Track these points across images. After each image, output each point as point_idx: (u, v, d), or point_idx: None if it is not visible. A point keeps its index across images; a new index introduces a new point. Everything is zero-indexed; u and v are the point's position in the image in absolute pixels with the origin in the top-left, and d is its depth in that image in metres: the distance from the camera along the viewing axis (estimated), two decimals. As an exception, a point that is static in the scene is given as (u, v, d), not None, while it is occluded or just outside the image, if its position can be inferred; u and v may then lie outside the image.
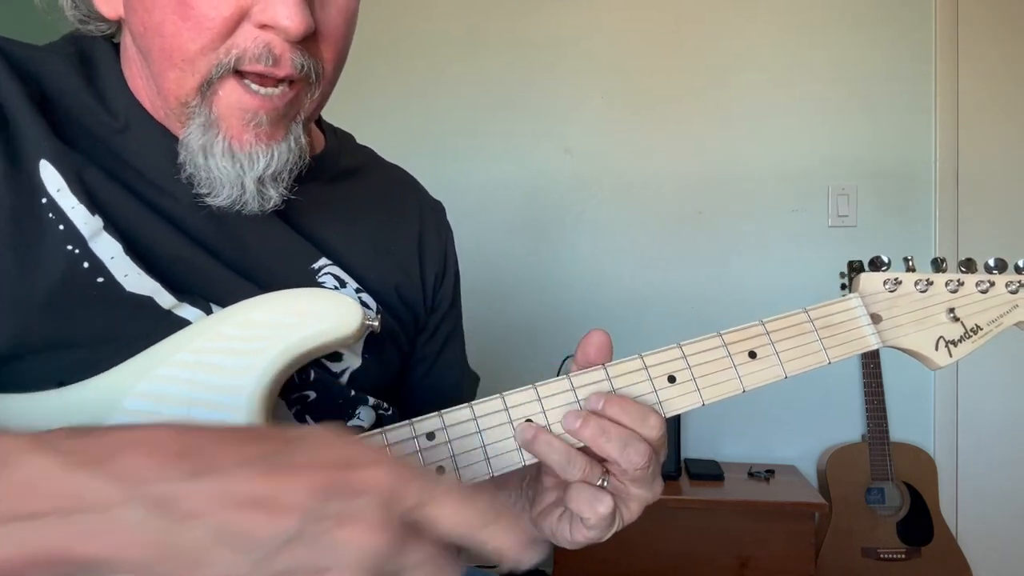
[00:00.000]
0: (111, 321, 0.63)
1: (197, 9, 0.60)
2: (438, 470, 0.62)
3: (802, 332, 0.70)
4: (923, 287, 0.74)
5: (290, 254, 0.73)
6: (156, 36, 0.62)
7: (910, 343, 0.74)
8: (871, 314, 0.72)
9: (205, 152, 0.64)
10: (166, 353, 0.61)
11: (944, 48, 2.44)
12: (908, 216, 2.47)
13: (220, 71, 0.62)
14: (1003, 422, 2.43)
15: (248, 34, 0.61)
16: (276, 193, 0.67)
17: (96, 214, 0.63)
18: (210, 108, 0.64)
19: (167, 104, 0.66)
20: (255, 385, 0.61)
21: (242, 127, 0.64)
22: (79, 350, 0.62)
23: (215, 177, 0.65)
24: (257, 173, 0.65)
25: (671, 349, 0.68)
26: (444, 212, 0.94)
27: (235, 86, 0.63)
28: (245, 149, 0.65)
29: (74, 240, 0.62)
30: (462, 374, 0.95)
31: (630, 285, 2.56)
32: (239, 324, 0.63)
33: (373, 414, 0.77)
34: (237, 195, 0.66)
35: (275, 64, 0.62)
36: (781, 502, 2.13)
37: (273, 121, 0.65)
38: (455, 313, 0.93)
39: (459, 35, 2.63)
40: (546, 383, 0.66)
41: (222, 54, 0.61)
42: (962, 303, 0.74)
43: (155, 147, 0.68)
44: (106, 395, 0.60)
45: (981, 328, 0.74)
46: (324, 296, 0.66)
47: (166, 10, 0.61)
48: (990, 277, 0.75)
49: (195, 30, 0.61)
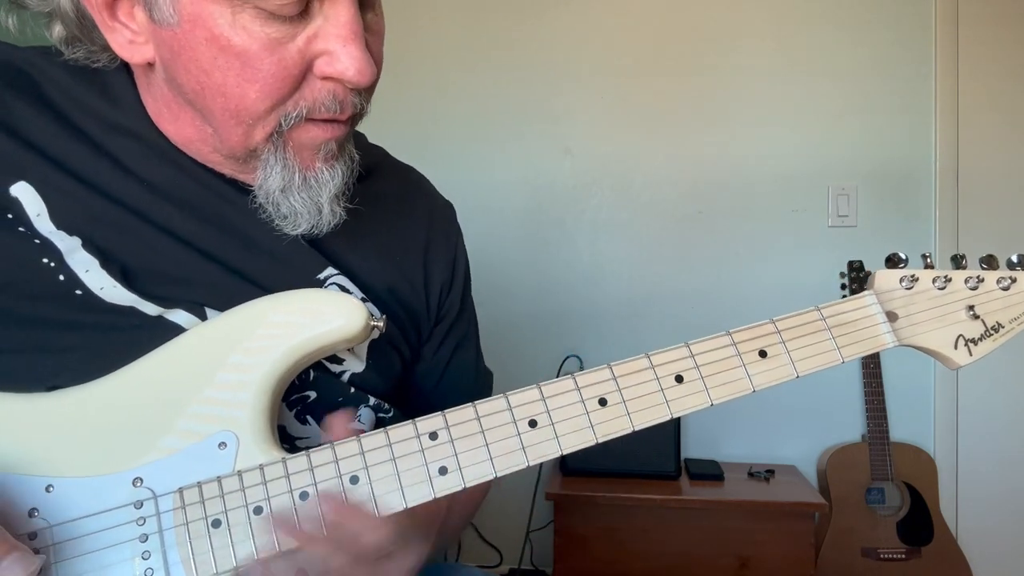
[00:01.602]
0: (99, 329, 0.64)
1: (263, 70, 0.60)
2: (440, 471, 0.62)
3: (815, 331, 0.69)
4: (942, 284, 0.72)
5: (297, 264, 0.73)
6: (218, 96, 0.62)
7: (928, 342, 0.71)
8: (887, 312, 0.70)
9: (285, 192, 0.66)
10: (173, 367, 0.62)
11: (944, 48, 2.44)
12: (908, 216, 2.47)
13: (290, 122, 0.63)
14: (1003, 422, 2.43)
15: (315, 86, 0.63)
16: (340, 208, 0.69)
17: (75, 235, 0.64)
18: (285, 151, 0.65)
19: (231, 151, 0.66)
20: (259, 386, 0.62)
21: (314, 157, 0.66)
22: (69, 355, 0.63)
23: (297, 211, 0.67)
24: (330, 194, 0.68)
25: (679, 348, 0.67)
26: (454, 214, 0.93)
27: (307, 127, 0.64)
28: (316, 174, 0.67)
29: (50, 254, 0.63)
30: (476, 378, 0.95)
31: (630, 285, 2.56)
32: (244, 327, 0.64)
33: (373, 415, 0.77)
34: (315, 220, 0.68)
35: (341, 110, 0.64)
36: (781, 502, 2.13)
37: (340, 146, 0.68)
38: (465, 318, 0.92)
39: (460, 36, 2.63)
40: (550, 383, 0.65)
41: (290, 107, 0.63)
42: (982, 300, 0.72)
43: (159, 156, 0.69)
44: (106, 406, 0.61)
45: (1003, 326, 0.72)
46: (330, 296, 0.67)
47: (228, 72, 0.60)
48: (1012, 274, 0.72)
49: (263, 91, 0.61)
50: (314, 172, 0.66)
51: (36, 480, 0.58)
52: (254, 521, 0.59)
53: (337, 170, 0.68)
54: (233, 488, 0.59)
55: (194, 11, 0.59)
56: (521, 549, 2.51)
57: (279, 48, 0.60)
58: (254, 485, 0.59)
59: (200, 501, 0.59)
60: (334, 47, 0.60)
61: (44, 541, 0.57)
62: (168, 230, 0.68)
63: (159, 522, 0.58)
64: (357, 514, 0.60)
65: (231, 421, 0.61)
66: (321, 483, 0.60)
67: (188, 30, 0.60)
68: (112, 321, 0.64)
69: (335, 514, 0.59)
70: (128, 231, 0.66)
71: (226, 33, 0.59)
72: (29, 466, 0.58)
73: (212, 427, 0.61)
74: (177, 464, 0.60)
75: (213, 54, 0.60)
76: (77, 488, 0.58)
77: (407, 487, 0.61)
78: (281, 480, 0.60)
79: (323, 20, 0.60)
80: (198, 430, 0.61)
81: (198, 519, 0.58)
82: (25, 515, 0.57)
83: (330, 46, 0.61)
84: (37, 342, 0.63)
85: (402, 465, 0.61)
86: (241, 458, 0.60)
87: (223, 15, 0.58)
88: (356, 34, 0.60)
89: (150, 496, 0.59)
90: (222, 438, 0.61)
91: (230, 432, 0.61)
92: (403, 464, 0.61)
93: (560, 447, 0.64)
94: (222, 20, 0.58)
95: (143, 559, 0.58)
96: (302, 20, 0.60)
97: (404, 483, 0.61)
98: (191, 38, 0.60)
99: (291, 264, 0.72)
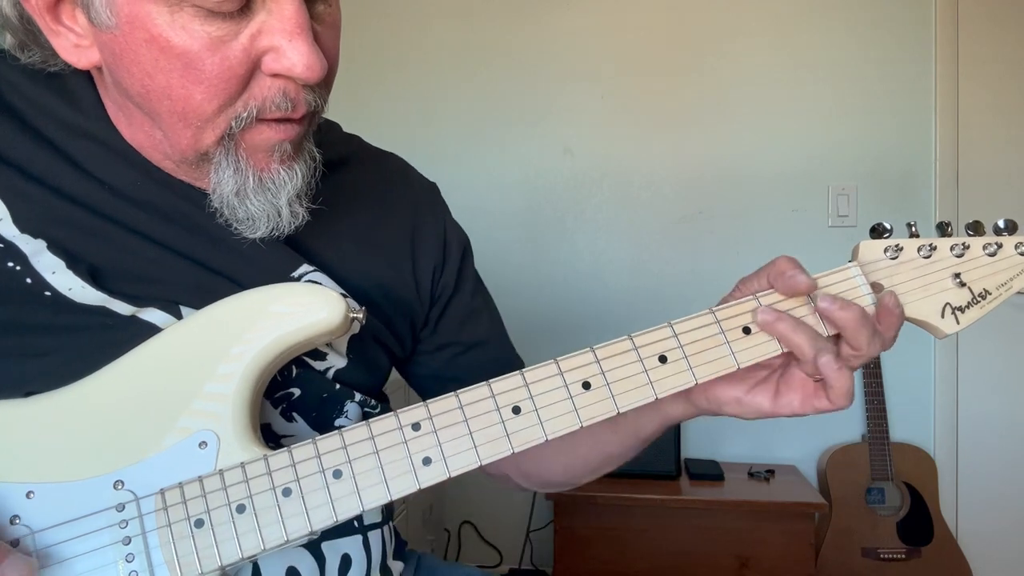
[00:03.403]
0: (72, 331, 0.64)
1: (207, 71, 0.57)
2: (424, 461, 0.61)
3: (798, 304, 0.69)
4: (927, 252, 0.71)
5: (270, 262, 0.71)
6: (163, 99, 0.59)
7: (914, 311, 0.71)
8: (872, 283, 0.70)
9: (239, 195, 0.64)
10: (150, 368, 0.62)
11: (944, 48, 2.43)
12: (908, 216, 2.46)
13: (241, 124, 0.61)
14: (1003, 422, 2.43)
15: (263, 84, 0.60)
16: (302, 209, 0.67)
17: (39, 237, 0.63)
18: (237, 153, 0.63)
19: (182, 155, 0.65)
20: (238, 384, 0.62)
21: (268, 158, 0.64)
22: (44, 360, 0.63)
23: (253, 215, 0.65)
24: (287, 196, 0.65)
25: (662, 328, 0.67)
26: (438, 193, 0.90)
27: (259, 128, 0.62)
28: (272, 176, 0.64)
29: (15, 258, 0.63)
30: (501, 350, 0.92)
31: (630, 285, 2.56)
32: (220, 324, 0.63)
33: (360, 410, 0.77)
34: (274, 223, 0.66)
35: (293, 109, 0.62)
36: (781, 502, 2.13)
37: (295, 146, 0.65)
38: (466, 291, 0.89)
39: (460, 36, 2.63)
40: (533, 368, 0.65)
41: (240, 108, 0.60)
42: (969, 267, 0.71)
43: (120, 158, 0.68)
44: (85, 409, 0.61)
45: (990, 293, 0.71)
46: (308, 289, 0.66)
47: (171, 74, 0.58)
48: (998, 239, 0.71)
49: (209, 92, 0.58)
50: (270, 173, 0.64)
51: (16, 487, 0.58)
52: (237, 520, 0.59)
53: (296, 171, 0.65)
54: (215, 487, 0.59)
55: (131, 12, 0.56)
56: (521, 549, 2.51)
57: (222, 47, 0.57)
58: (236, 484, 0.59)
59: (182, 502, 0.59)
60: (279, 42, 0.58)
61: (27, 548, 0.57)
62: (135, 230, 0.67)
63: (142, 524, 0.58)
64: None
65: (211, 420, 0.61)
66: (304, 478, 0.60)
67: (127, 32, 0.57)
68: (84, 322, 0.64)
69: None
70: (93, 232, 0.65)
71: (165, 33, 0.56)
72: (8, 473, 0.58)
73: (192, 427, 0.61)
74: (158, 465, 0.59)
75: (154, 56, 0.57)
76: (58, 493, 0.58)
77: (391, 479, 0.61)
78: (263, 477, 0.60)
79: (267, 15, 0.58)
80: (178, 430, 0.61)
81: (181, 520, 0.58)
82: (7, 522, 0.57)
83: (275, 41, 0.58)
84: (10, 347, 0.63)
85: (385, 457, 0.61)
86: (222, 457, 0.60)
87: (161, 15, 0.56)
88: (302, 27, 0.58)
89: (132, 499, 0.59)
90: (202, 437, 0.60)
91: (210, 431, 0.61)
92: (386, 456, 0.61)
93: (545, 432, 0.63)
94: (160, 20, 0.56)
95: (127, 562, 0.58)
96: (244, 16, 0.57)
97: (388, 475, 0.61)
98: (131, 40, 0.58)
99: (263, 262, 0.70)
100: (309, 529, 0.60)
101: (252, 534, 0.59)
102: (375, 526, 0.78)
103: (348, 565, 0.73)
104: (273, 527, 0.59)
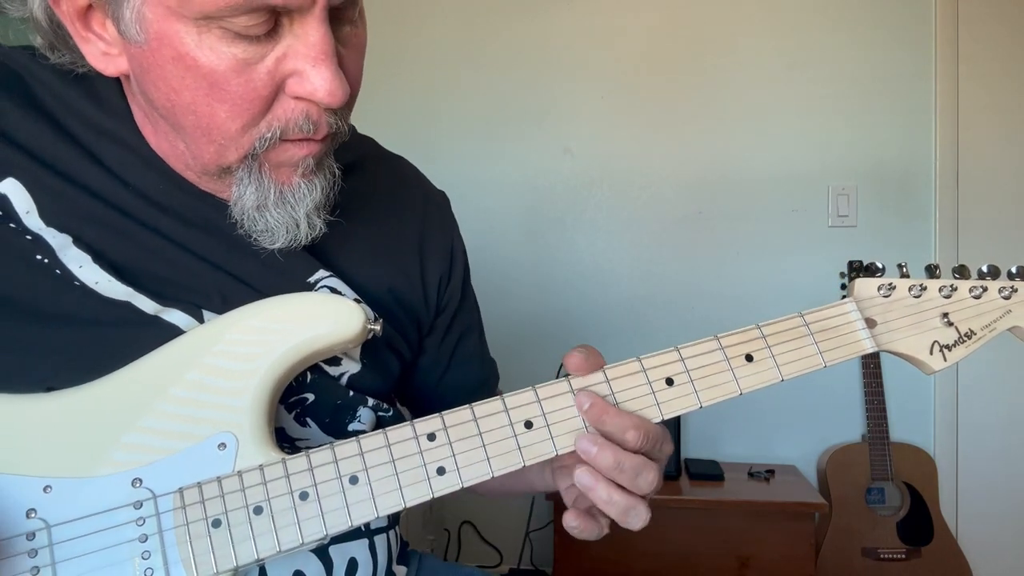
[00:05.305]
0: (96, 324, 0.64)
1: (231, 91, 0.58)
2: (438, 471, 0.63)
3: (798, 336, 0.72)
4: (917, 292, 0.75)
5: (287, 267, 0.72)
6: (188, 114, 0.61)
7: (905, 347, 0.75)
8: (866, 318, 0.74)
9: (260, 208, 0.65)
10: (173, 369, 0.63)
11: (944, 48, 2.44)
12: (908, 216, 2.47)
13: (265, 144, 0.62)
14: (1003, 422, 2.43)
15: (286, 106, 0.61)
16: (320, 221, 0.68)
17: (65, 232, 0.64)
18: (260, 172, 0.64)
19: (204, 168, 0.66)
20: (257, 389, 0.62)
21: (291, 173, 0.65)
22: (66, 354, 0.63)
23: (272, 226, 0.66)
24: (306, 208, 0.67)
25: (668, 352, 0.69)
26: (448, 203, 0.92)
27: (284, 147, 0.63)
28: (293, 189, 0.66)
29: (43, 251, 0.63)
30: (482, 368, 0.95)
31: (630, 285, 2.56)
32: (242, 330, 0.64)
33: (373, 415, 0.77)
34: (292, 234, 0.67)
35: (315, 131, 0.63)
36: (781, 502, 2.14)
37: (318, 161, 0.66)
38: (467, 307, 0.92)
39: (459, 36, 2.63)
40: (545, 385, 0.67)
41: (264, 129, 0.61)
42: (956, 308, 0.75)
43: (145, 163, 0.68)
44: (106, 407, 0.61)
45: (975, 333, 0.75)
46: (326, 300, 0.67)
47: (197, 92, 0.59)
48: (983, 283, 0.76)
49: (233, 112, 0.59)
50: (291, 187, 0.65)
51: (34, 480, 0.58)
52: (254, 521, 0.59)
53: (316, 184, 0.67)
54: (233, 488, 0.59)
55: (160, 29, 0.57)
56: (521, 549, 2.51)
57: (247, 69, 0.58)
58: (254, 485, 0.60)
59: (200, 501, 0.59)
60: (304, 67, 0.59)
61: (42, 542, 0.57)
62: (159, 232, 0.67)
63: (159, 522, 0.58)
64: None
65: (230, 423, 0.61)
66: (321, 483, 0.61)
67: (155, 48, 0.58)
68: (109, 316, 0.64)
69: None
70: (119, 231, 0.66)
71: (192, 53, 0.57)
72: (27, 466, 0.58)
73: (211, 428, 0.61)
74: (177, 465, 0.60)
75: (180, 73, 0.58)
76: (76, 488, 0.58)
77: (406, 487, 0.62)
78: (281, 480, 0.60)
79: (293, 39, 0.58)
80: (197, 431, 0.61)
81: (198, 519, 0.59)
82: (23, 516, 0.57)
83: (300, 66, 0.59)
84: (34, 340, 0.63)
85: (401, 466, 0.63)
86: (241, 459, 0.61)
87: (189, 34, 0.57)
88: (327, 54, 0.59)
89: (150, 497, 0.59)
90: (222, 439, 0.61)
91: (229, 433, 0.61)
92: (402, 465, 0.63)
93: (555, 448, 0.66)
94: (188, 39, 0.57)
95: (143, 559, 0.58)
96: (271, 39, 0.58)
97: (403, 483, 0.62)
98: (158, 56, 0.58)
99: (282, 267, 0.71)
100: (324, 533, 0.60)
101: (268, 535, 0.59)
102: (381, 531, 0.78)
103: (355, 569, 0.74)
104: (289, 529, 0.60)
